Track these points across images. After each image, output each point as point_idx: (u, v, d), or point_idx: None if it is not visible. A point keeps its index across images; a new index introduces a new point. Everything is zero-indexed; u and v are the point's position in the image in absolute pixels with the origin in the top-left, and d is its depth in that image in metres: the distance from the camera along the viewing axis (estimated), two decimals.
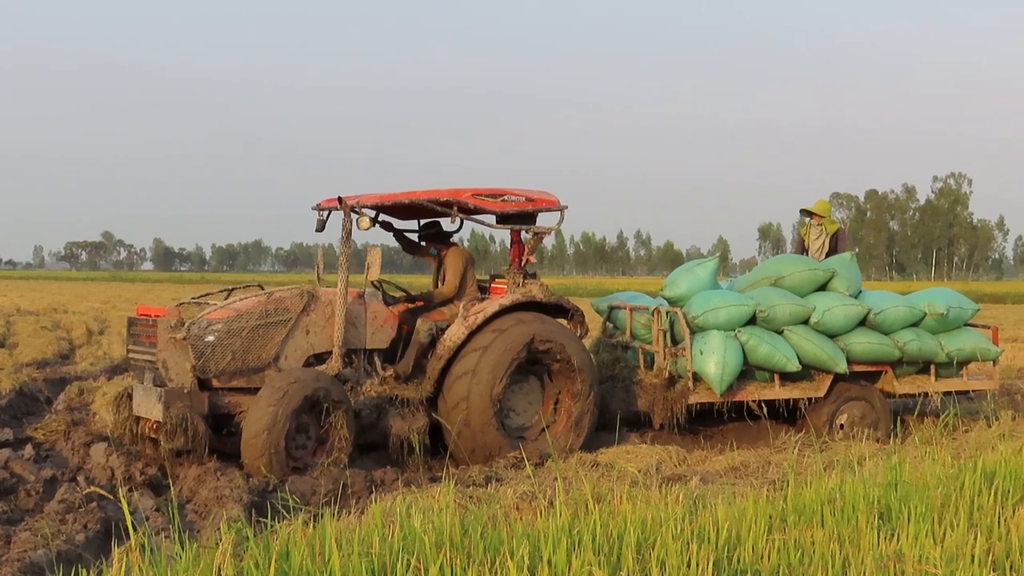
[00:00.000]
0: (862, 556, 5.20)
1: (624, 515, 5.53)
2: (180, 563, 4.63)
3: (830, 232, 12.54)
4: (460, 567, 4.75)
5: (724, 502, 6.08)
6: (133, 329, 9.65)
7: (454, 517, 5.36)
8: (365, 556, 4.80)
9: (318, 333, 9.60)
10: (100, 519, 7.26)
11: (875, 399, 11.30)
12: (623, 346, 11.36)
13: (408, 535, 5.10)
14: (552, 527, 5.22)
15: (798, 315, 10.79)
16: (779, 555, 5.20)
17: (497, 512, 6.00)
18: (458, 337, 9.88)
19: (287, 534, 5.08)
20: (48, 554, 6.22)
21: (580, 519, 5.47)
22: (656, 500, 6.22)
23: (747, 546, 5.27)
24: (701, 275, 11.06)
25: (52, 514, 7.45)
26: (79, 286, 72.23)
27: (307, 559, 4.74)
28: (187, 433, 8.80)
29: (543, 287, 10.49)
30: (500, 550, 4.91)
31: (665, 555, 4.99)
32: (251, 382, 9.32)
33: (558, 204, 10.55)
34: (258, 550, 4.75)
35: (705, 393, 10.53)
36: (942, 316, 11.31)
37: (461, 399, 9.70)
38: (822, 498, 6.14)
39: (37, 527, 7.02)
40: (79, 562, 6.05)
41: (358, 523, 5.74)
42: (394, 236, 11.12)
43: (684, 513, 5.77)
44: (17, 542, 6.68)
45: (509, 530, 5.29)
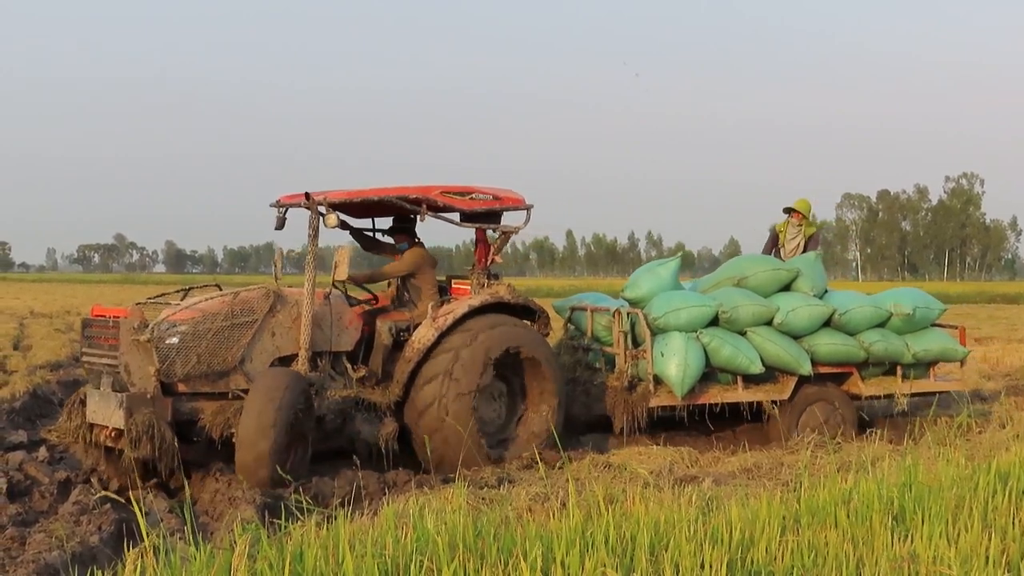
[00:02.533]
0: (876, 557, 5.19)
1: (637, 516, 5.53)
2: (194, 564, 4.65)
3: (807, 234, 12.21)
4: (473, 568, 4.76)
5: (737, 503, 6.07)
6: (88, 331, 9.19)
7: (467, 518, 5.36)
8: (378, 557, 4.81)
9: (284, 335, 9.27)
10: (114, 521, 7.28)
11: (841, 401, 11.11)
12: (584, 348, 11.11)
13: (421, 536, 5.10)
14: (565, 528, 5.23)
15: (761, 316, 10.61)
16: (793, 556, 5.20)
17: (510, 513, 6.01)
18: (428, 339, 9.61)
19: (301, 536, 5.10)
20: (63, 555, 6.24)
21: (593, 520, 5.48)
22: (669, 501, 6.22)
23: (760, 547, 5.27)
24: (663, 275, 10.85)
25: (66, 516, 7.49)
26: (92, 288, 72.47)
27: (321, 561, 4.76)
28: (153, 441, 8.38)
29: (510, 288, 10.25)
30: (513, 551, 4.92)
31: (678, 556, 4.99)
32: (216, 386, 8.97)
33: (524, 203, 10.35)
34: (272, 551, 4.76)
35: (666, 396, 10.30)
36: (908, 316, 11.14)
37: (434, 403, 9.45)
38: (836, 499, 6.12)
39: (52, 529, 7.05)
40: (93, 563, 6.07)
41: (371, 524, 5.74)
42: (351, 234, 10.79)
43: (697, 514, 5.76)
44: (32, 543, 6.71)
45: (522, 531, 5.29)
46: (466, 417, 9.47)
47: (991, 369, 17.41)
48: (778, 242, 12.29)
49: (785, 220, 12.33)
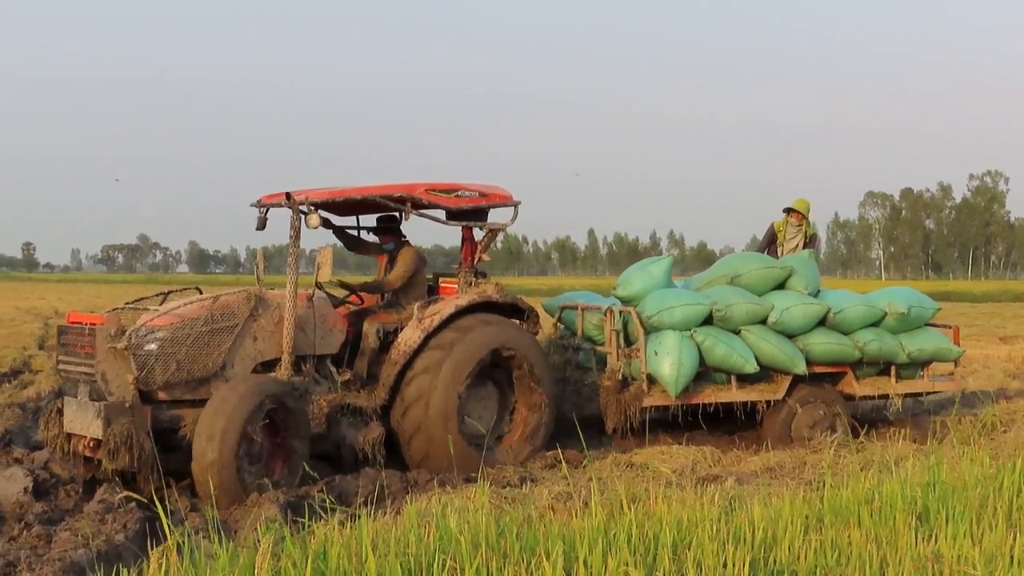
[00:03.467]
0: (900, 557, 5.18)
1: (659, 515, 5.53)
2: (218, 562, 4.67)
3: (807, 234, 12.11)
4: (496, 567, 4.76)
5: (760, 502, 6.06)
6: (64, 338, 8.83)
7: (489, 518, 5.37)
8: (401, 556, 4.82)
9: (266, 339, 9.00)
10: (139, 519, 7.32)
11: (835, 401, 10.99)
12: (574, 347, 10.91)
13: (444, 535, 5.11)
14: (588, 527, 5.23)
15: (756, 314, 10.49)
16: (816, 556, 5.19)
17: (532, 513, 6.01)
18: (414, 341, 9.40)
19: (324, 534, 5.12)
20: (88, 553, 6.28)
21: (615, 520, 5.48)
22: (691, 500, 6.21)
23: (783, 546, 5.26)
24: (655, 273, 10.67)
25: (92, 514, 7.52)
26: (116, 288, 72.81)
27: (344, 559, 4.77)
28: (132, 451, 8.11)
29: (498, 287, 10.07)
30: (536, 550, 4.92)
31: (701, 555, 4.99)
32: (196, 393, 8.66)
33: (511, 199, 10.15)
34: (295, 550, 4.78)
35: (660, 395, 10.13)
36: (903, 315, 11.02)
37: (419, 407, 9.28)
38: (859, 498, 6.11)
39: (77, 527, 7.09)
40: (119, 561, 6.10)
41: (394, 523, 5.76)
42: (334, 233, 10.54)
43: (720, 513, 5.76)
44: (58, 541, 6.76)
45: (545, 530, 5.29)
46: (453, 419, 9.32)
47: (1016, 368, 17.31)
48: (776, 241, 12.20)
49: (784, 219, 12.23)
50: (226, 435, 8.03)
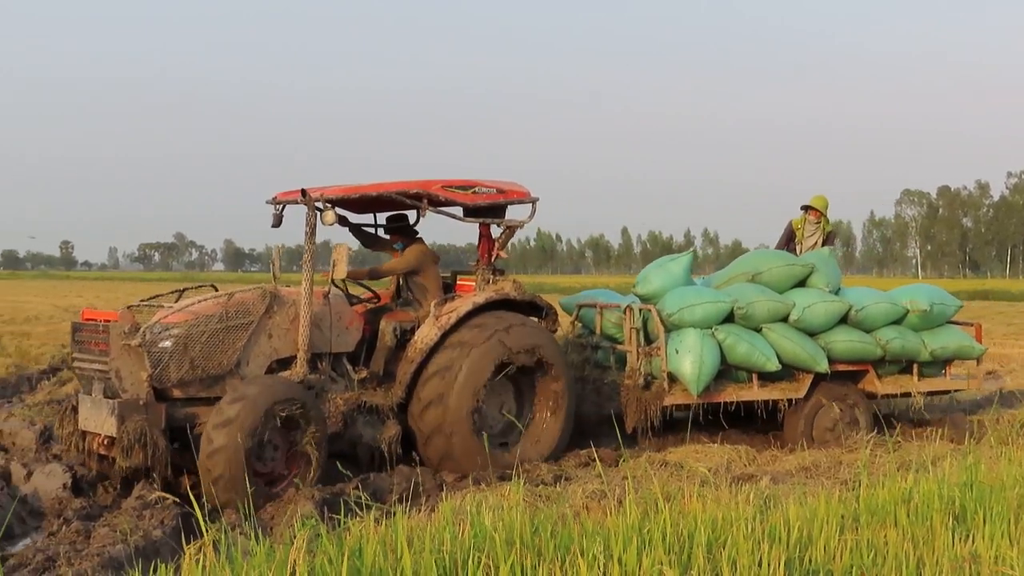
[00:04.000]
0: (937, 557, 5.15)
1: (694, 514, 5.51)
2: (255, 559, 4.70)
3: (825, 231, 11.98)
4: (531, 565, 4.76)
5: (795, 502, 6.03)
6: (79, 336, 8.82)
7: (524, 515, 5.37)
8: (436, 553, 4.83)
9: (281, 337, 8.92)
10: (176, 516, 7.38)
11: (857, 400, 10.88)
12: (593, 346, 10.82)
13: (479, 533, 5.12)
14: (622, 526, 5.22)
15: (777, 312, 10.39)
16: (851, 555, 5.16)
17: (567, 511, 6.01)
18: (431, 338, 9.31)
19: (359, 531, 5.14)
20: (126, 549, 6.35)
21: (650, 518, 5.47)
22: (726, 499, 6.19)
23: (819, 546, 5.24)
24: (674, 271, 10.57)
25: (129, 510, 7.60)
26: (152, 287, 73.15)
27: (379, 556, 4.79)
28: (145, 449, 8.04)
29: (516, 284, 9.96)
30: (570, 548, 4.92)
31: (736, 554, 4.98)
32: (211, 391, 8.60)
33: (529, 196, 10.04)
34: (331, 547, 4.80)
35: (681, 394, 10.03)
36: (925, 312, 10.89)
37: (436, 406, 9.18)
38: (896, 498, 6.07)
39: (115, 523, 7.18)
40: (156, 557, 6.16)
41: (429, 521, 5.77)
42: (350, 230, 10.53)
43: (755, 513, 5.73)
44: (96, 537, 6.84)
45: (579, 528, 5.30)
46: (470, 418, 9.24)
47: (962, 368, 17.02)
48: (794, 239, 12.06)
49: (802, 216, 12.10)
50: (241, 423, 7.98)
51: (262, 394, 8.22)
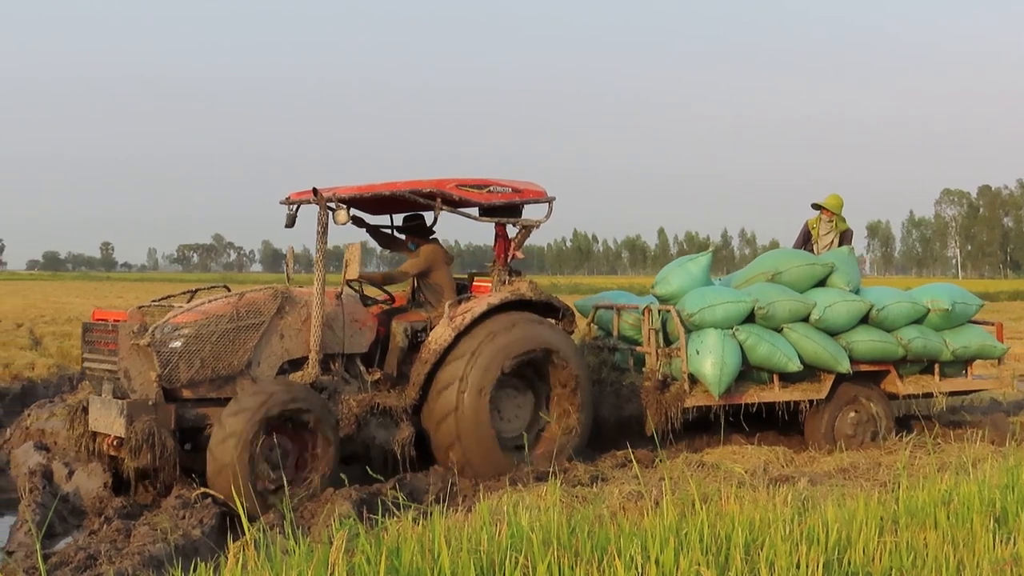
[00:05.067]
0: (977, 560, 5.10)
1: (732, 515, 5.50)
2: (293, 558, 4.73)
3: (840, 230, 11.81)
4: (568, 566, 4.76)
5: (834, 503, 6.00)
6: (89, 336, 8.74)
7: (561, 516, 5.37)
8: (474, 553, 4.84)
9: (293, 337, 8.81)
10: (215, 515, 7.44)
11: (878, 401, 10.76)
12: (610, 348, 10.70)
13: (516, 533, 5.12)
14: (659, 527, 5.21)
15: (798, 312, 10.26)
16: (891, 557, 5.13)
17: (604, 511, 6.01)
18: (445, 339, 9.17)
19: (397, 531, 5.16)
20: (166, 548, 6.40)
21: (687, 519, 5.45)
22: (764, 501, 6.17)
23: (858, 548, 5.21)
24: (694, 271, 10.42)
25: (169, 509, 7.66)
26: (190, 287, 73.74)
27: (417, 555, 4.80)
28: (154, 450, 7.96)
29: (532, 284, 9.78)
30: (608, 549, 4.92)
31: (774, 556, 4.96)
32: (222, 392, 8.51)
33: (546, 195, 9.86)
34: (369, 546, 4.82)
35: (702, 396, 9.89)
36: (946, 312, 10.76)
37: (450, 408, 9.05)
38: (935, 500, 6.03)
39: (155, 522, 7.23)
40: (196, 556, 6.21)
41: (466, 521, 5.78)
42: (367, 231, 10.42)
43: (792, 514, 5.71)
44: (137, 536, 6.90)
45: (616, 529, 5.29)
46: (485, 420, 9.09)
47: None
48: (810, 239, 11.93)
49: (816, 216, 11.97)
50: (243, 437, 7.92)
51: (263, 403, 8.10)
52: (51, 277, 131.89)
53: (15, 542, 7.45)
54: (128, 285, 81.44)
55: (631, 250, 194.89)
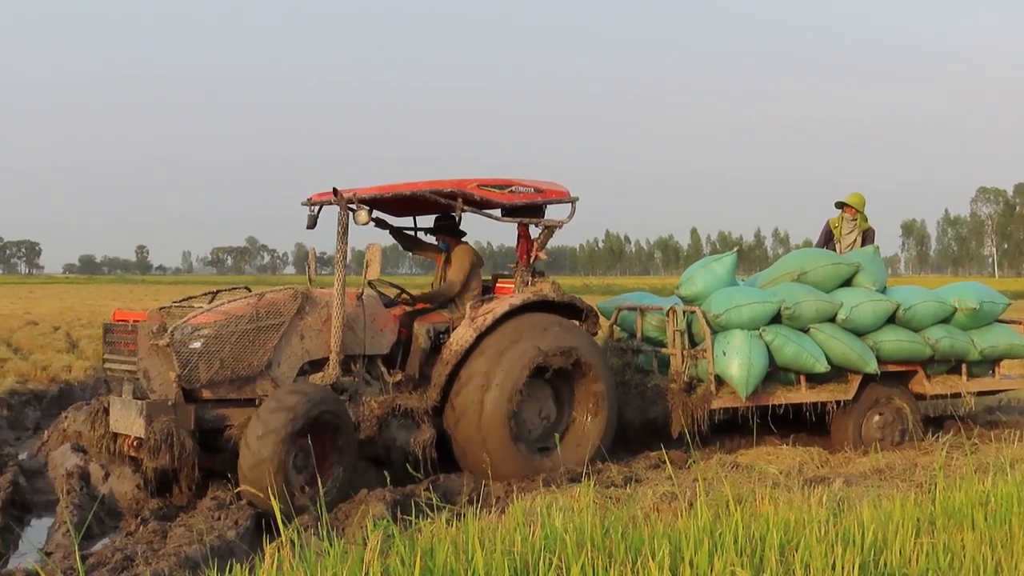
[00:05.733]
0: (1016, 561, 5.06)
1: (766, 516, 5.47)
2: (328, 559, 4.74)
3: (862, 229, 11.72)
4: (602, 567, 4.76)
5: (870, 504, 5.97)
6: (109, 336, 8.77)
7: (595, 517, 5.36)
8: (508, 555, 4.84)
9: (313, 338, 8.79)
10: (250, 516, 7.48)
11: (906, 401, 10.67)
12: (633, 350, 10.62)
13: (549, 534, 5.12)
14: (693, 528, 5.20)
15: (825, 312, 10.18)
16: (927, 559, 5.09)
17: (637, 512, 6.00)
18: (466, 340, 9.11)
19: (431, 532, 5.16)
20: (202, 549, 6.44)
21: (722, 520, 5.43)
22: (799, 502, 6.14)
23: (894, 549, 5.17)
24: (718, 272, 10.35)
25: (205, 511, 7.71)
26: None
27: (451, 556, 4.81)
28: (172, 450, 7.93)
29: (555, 285, 9.72)
30: (641, 550, 4.91)
31: (809, 557, 4.93)
32: (242, 392, 8.49)
33: (568, 195, 9.80)
34: (403, 547, 4.83)
35: (729, 397, 9.82)
36: (974, 311, 10.66)
37: (471, 409, 8.97)
38: (973, 501, 5.98)
39: (191, 523, 7.29)
40: (231, 557, 6.24)
41: (500, 522, 5.78)
42: (390, 233, 10.37)
43: (828, 515, 5.68)
44: (173, 537, 6.94)
45: (650, 530, 5.27)
46: (506, 423, 9.02)
47: None
48: (832, 238, 11.85)
49: (839, 215, 11.88)
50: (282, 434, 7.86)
51: (301, 403, 8.05)
52: (87, 280, 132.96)
53: (53, 543, 7.52)
54: (163, 288, 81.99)
55: (664, 250, 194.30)
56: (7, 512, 8.07)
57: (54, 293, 65.35)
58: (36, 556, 7.08)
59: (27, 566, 6.35)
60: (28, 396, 14.61)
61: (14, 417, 13.42)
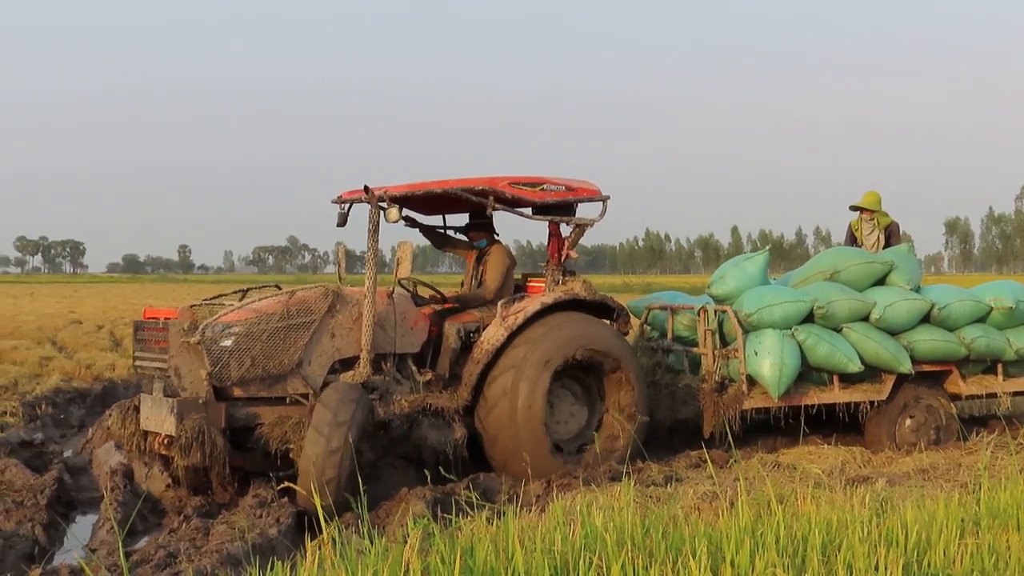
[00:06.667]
0: None
1: (808, 516, 5.44)
2: (369, 557, 4.76)
3: (883, 226, 11.50)
4: (642, 566, 4.74)
5: (913, 504, 5.91)
6: (140, 334, 8.75)
7: (635, 516, 5.35)
8: (548, 553, 4.84)
9: (344, 336, 8.73)
10: (292, 513, 7.52)
11: (941, 401, 10.50)
12: (664, 349, 10.51)
13: (590, 533, 5.11)
14: (734, 527, 5.17)
15: (858, 311, 10.03)
16: (972, 560, 5.04)
17: (678, 512, 5.97)
18: (497, 339, 9.08)
19: (471, 531, 5.17)
20: (244, 546, 6.48)
21: (763, 520, 5.40)
22: (841, 502, 6.09)
23: (938, 550, 5.12)
24: (750, 271, 10.26)
25: (247, 508, 7.76)
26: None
27: (491, 555, 4.81)
28: (204, 448, 7.96)
29: (586, 284, 9.66)
30: (682, 550, 4.89)
31: (852, 558, 4.89)
32: (272, 391, 8.49)
33: (600, 194, 9.72)
34: (443, 545, 4.84)
35: (761, 398, 9.71)
36: (1010, 311, 10.46)
37: (503, 408, 8.94)
38: (1018, 501, 5.90)
39: (233, 520, 7.33)
40: (273, 555, 6.27)
41: (540, 521, 5.78)
42: (420, 231, 10.36)
43: (871, 515, 5.63)
44: (215, 534, 7.00)
45: (690, 530, 5.25)
46: (538, 422, 8.99)
47: None
48: (856, 241, 11.68)
49: (857, 218, 11.71)
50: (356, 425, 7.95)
51: (363, 397, 8.19)
52: (130, 279, 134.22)
53: (98, 539, 7.60)
54: (205, 287, 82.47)
55: (704, 249, 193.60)
56: (52, 509, 8.17)
57: (98, 292, 66.00)
58: (81, 552, 7.17)
59: (72, 562, 6.43)
60: (73, 394, 14.78)
61: (59, 415, 13.58)
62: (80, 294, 60.83)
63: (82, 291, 69.17)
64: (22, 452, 10.33)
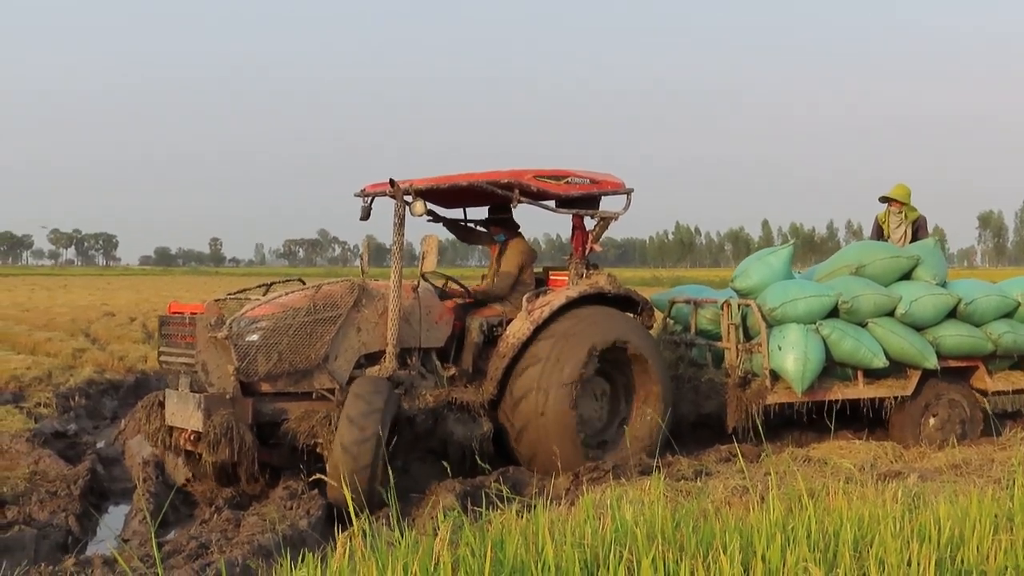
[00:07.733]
0: None
1: (840, 511, 5.40)
2: (399, 549, 4.77)
3: (911, 219, 11.42)
4: (673, 560, 4.72)
5: (945, 500, 5.87)
6: (165, 329, 8.69)
7: (665, 510, 5.33)
8: (578, 547, 4.82)
9: (370, 331, 8.69)
10: (322, 505, 7.55)
11: (967, 397, 10.42)
12: (687, 343, 10.51)
13: (620, 527, 5.10)
14: (765, 522, 5.15)
15: (883, 306, 9.96)
16: (1006, 556, 4.99)
17: (708, 506, 5.95)
18: (523, 333, 9.04)
19: (501, 524, 5.17)
20: (275, 537, 6.51)
21: (794, 515, 5.38)
22: (873, 497, 6.04)
23: (971, 546, 5.08)
24: (774, 265, 10.16)
25: (277, 500, 7.80)
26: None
27: (521, 548, 4.80)
28: (232, 444, 7.88)
29: (610, 278, 9.62)
30: (712, 544, 4.87)
31: (883, 553, 4.86)
32: (299, 386, 8.45)
33: (624, 187, 9.67)
34: (473, 538, 4.84)
35: (784, 392, 9.69)
36: None
37: (530, 403, 8.89)
38: None
39: (264, 512, 7.37)
40: (303, 546, 6.30)
41: (569, 514, 5.77)
42: (444, 224, 10.32)
43: (903, 511, 5.59)
44: (246, 526, 7.04)
45: (721, 524, 5.23)
46: (564, 415, 8.92)
47: None
48: (883, 234, 11.59)
49: (885, 210, 11.62)
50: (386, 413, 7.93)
51: (392, 391, 8.20)
52: (162, 272, 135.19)
53: (130, 530, 7.67)
54: (236, 280, 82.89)
55: (734, 242, 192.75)
56: (86, 499, 8.24)
57: (130, 284, 66.48)
58: (114, 542, 7.22)
59: (105, 552, 6.48)
60: (106, 386, 14.91)
61: (92, 406, 13.70)
62: (113, 286, 61.29)
63: (115, 283, 69.66)
64: (56, 443, 10.44)
